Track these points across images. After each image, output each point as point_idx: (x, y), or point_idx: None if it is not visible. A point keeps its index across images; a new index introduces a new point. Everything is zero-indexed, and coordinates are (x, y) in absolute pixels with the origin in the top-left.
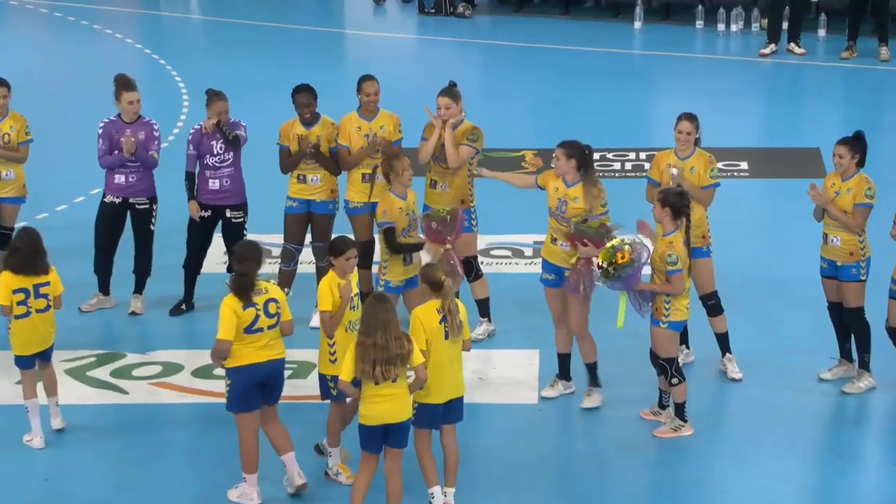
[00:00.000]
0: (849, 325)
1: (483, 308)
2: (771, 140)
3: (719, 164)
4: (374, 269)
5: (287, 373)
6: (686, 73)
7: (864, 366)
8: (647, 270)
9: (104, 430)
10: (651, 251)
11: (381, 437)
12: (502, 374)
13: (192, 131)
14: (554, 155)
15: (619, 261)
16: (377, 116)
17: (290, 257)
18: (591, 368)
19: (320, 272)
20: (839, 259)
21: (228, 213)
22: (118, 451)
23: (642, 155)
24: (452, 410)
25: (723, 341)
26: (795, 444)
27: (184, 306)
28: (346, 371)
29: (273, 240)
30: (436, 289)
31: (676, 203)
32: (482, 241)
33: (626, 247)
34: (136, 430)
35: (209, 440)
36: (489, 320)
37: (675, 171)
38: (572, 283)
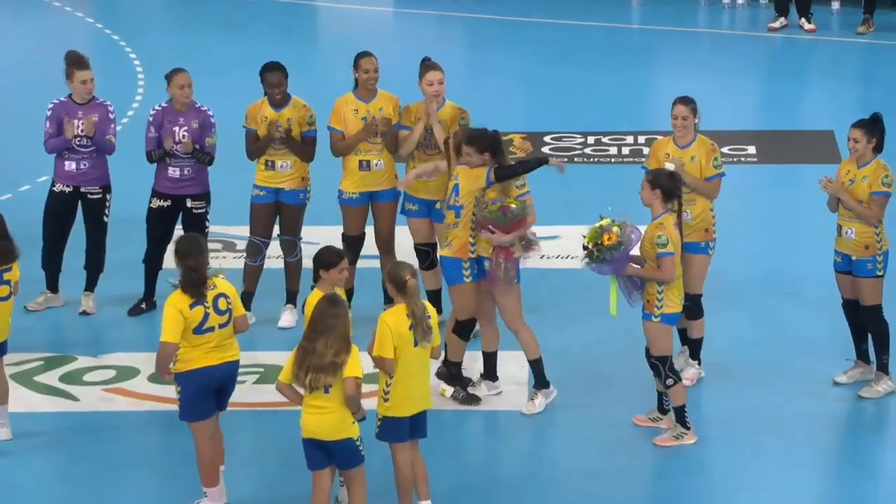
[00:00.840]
0: (865, 324)
1: (434, 299)
2: (781, 122)
3: (724, 149)
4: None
5: (252, 377)
6: (688, 49)
7: (883, 368)
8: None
9: (52, 441)
10: (641, 235)
11: (320, 452)
12: (512, 374)
13: (153, 111)
14: (464, 151)
15: (605, 242)
16: (376, 97)
17: (256, 252)
18: (534, 366)
19: (289, 268)
20: (854, 253)
21: (189, 203)
22: (67, 463)
23: (641, 139)
24: (419, 425)
25: (695, 348)
26: (808, 452)
27: (143, 305)
28: (283, 372)
29: (238, 232)
30: (399, 290)
31: (667, 185)
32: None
33: (615, 228)
34: (88, 440)
35: (167, 451)
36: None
37: (671, 165)
38: (492, 274)
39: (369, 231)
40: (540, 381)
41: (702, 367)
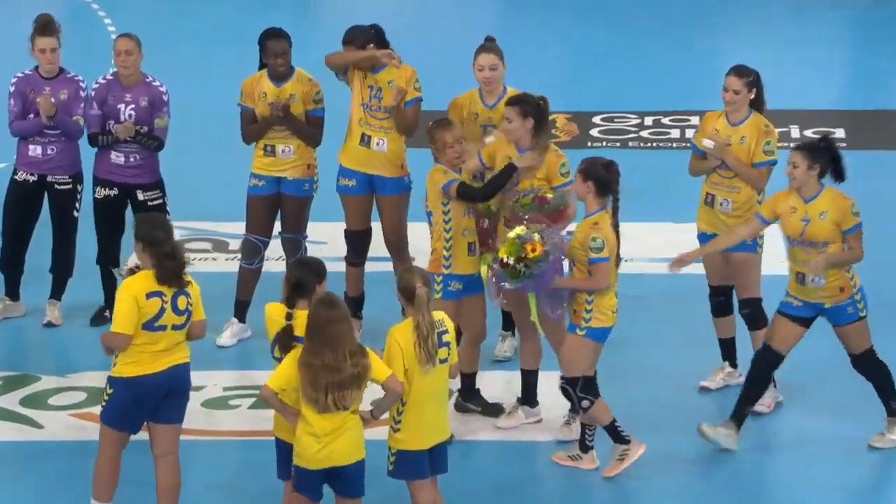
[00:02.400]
0: (861, 373)
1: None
2: (874, 100)
3: (808, 132)
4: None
5: (247, 401)
6: (763, 15)
7: (894, 413)
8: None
9: (12, 474)
10: (565, 239)
11: (326, 481)
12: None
13: (95, 84)
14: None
15: (530, 255)
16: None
17: (253, 252)
18: (527, 378)
19: None
20: (827, 300)
21: (141, 196)
22: (31, 499)
23: None
24: (436, 459)
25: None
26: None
27: (107, 312)
28: (276, 377)
29: (231, 229)
30: (408, 300)
31: (602, 176)
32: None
33: (536, 236)
34: (54, 473)
35: (145, 483)
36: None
37: (709, 143)
38: (492, 288)
39: (376, 226)
40: (526, 394)
41: (778, 390)
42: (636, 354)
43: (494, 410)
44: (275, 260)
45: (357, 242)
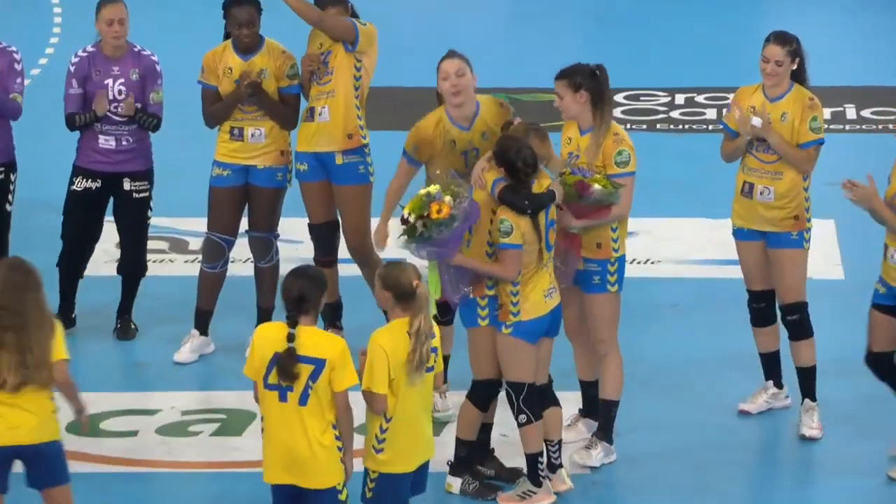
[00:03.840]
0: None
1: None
2: None
3: (866, 112)
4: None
5: (210, 427)
6: None
7: None
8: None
9: None
10: (479, 212)
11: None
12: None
13: (75, 59)
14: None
15: (434, 215)
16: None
17: (216, 253)
18: (606, 408)
19: (261, 276)
20: None
21: (127, 185)
22: None
23: None
24: (417, 479)
25: (805, 379)
26: None
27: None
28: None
29: (190, 226)
30: (403, 299)
31: (511, 163)
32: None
33: (447, 197)
34: None
35: None
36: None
37: (757, 120)
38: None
39: None
40: (606, 429)
41: (818, 405)
42: (667, 370)
43: (512, 476)
44: (241, 262)
45: (324, 238)
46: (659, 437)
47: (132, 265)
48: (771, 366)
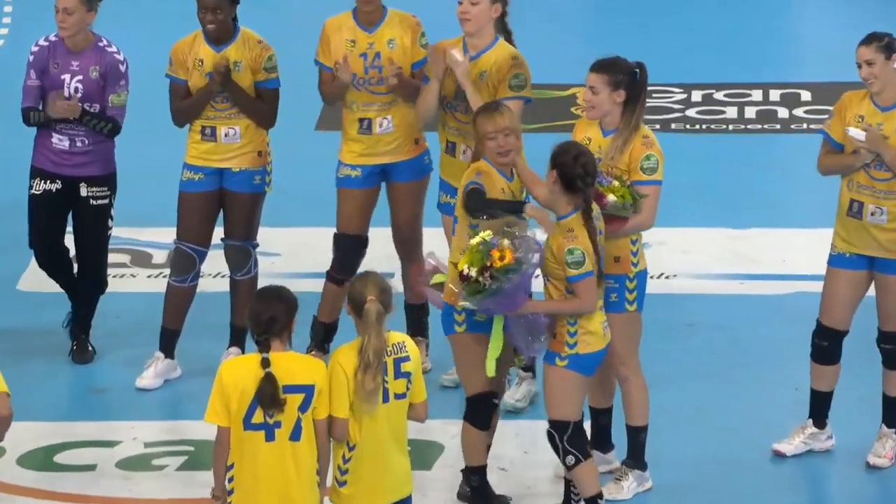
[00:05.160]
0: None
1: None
2: None
3: None
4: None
5: (176, 461)
6: None
7: None
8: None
9: None
10: (541, 249)
11: None
12: (537, 459)
13: (35, 48)
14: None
15: (497, 263)
16: (382, 23)
17: (186, 265)
18: (635, 435)
19: (237, 291)
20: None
21: (84, 191)
22: None
23: (774, 94)
24: None
25: (892, 408)
26: None
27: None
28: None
29: (155, 237)
30: (357, 313)
31: (569, 170)
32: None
33: (505, 241)
34: None
35: None
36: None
37: (858, 133)
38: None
39: (376, 235)
40: (637, 456)
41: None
42: (684, 402)
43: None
44: (212, 277)
45: (350, 251)
46: (676, 474)
47: (90, 281)
48: (821, 404)
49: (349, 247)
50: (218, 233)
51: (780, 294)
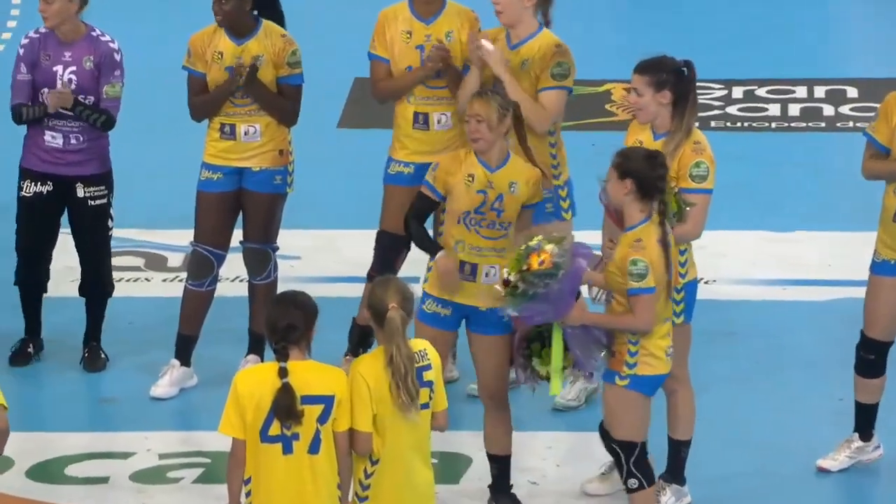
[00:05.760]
0: None
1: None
2: None
3: None
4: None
5: (192, 473)
6: None
7: None
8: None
9: None
10: (592, 258)
11: None
12: (570, 472)
13: (24, 40)
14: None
15: (534, 266)
16: (441, 14)
17: (203, 269)
18: (677, 448)
19: (256, 295)
20: None
21: (81, 191)
22: None
23: (819, 91)
24: None
25: None
26: None
27: (30, 348)
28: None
29: (171, 239)
30: (377, 321)
31: (644, 171)
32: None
33: (549, 245)
34: None
35: None
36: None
37: None
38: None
39: None
40: (676, 470)
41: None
42: (722, 414)
43: None
44: (230, 281)
45: (391, 251)
46: (714, 490)
47: (95, 284)
48: (866, 418)
49: (391, 246)
50: (237, 235)
51: (824, 300)
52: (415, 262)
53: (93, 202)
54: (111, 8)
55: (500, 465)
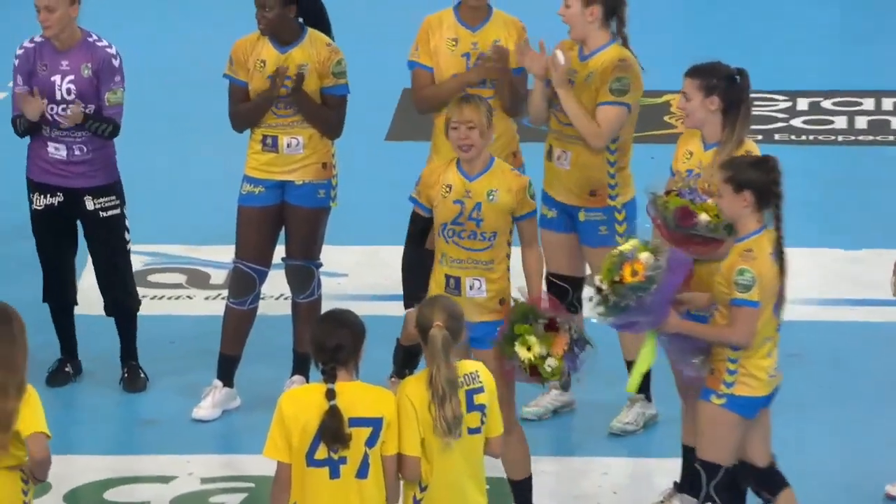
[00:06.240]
0: None
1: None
2: None
3: None
4: None
5: (236, 498)
6: None
7: None
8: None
9: None
10: (690, 266)
11: None
12: (627, 500)
13: (19, 50)
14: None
15: (627, 278)
16: (488, 22)
17: (245, 286)
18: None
19: (300, 314)
20: None
21: (91, 204)
22: None
23: (888, 103)
24: None
25: None
26: None
27: (68, 368)
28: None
29: (213, 256)
30: (423, 339)
31: (761, 181)
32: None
33: (644, 254)
34: None
35: None
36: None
37: None
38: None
39: None
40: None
41: None
42: (785, 441)
43: None
44: (274, 299)
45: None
46: None
47: (119, 299)
48: None
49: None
50: (280, 251)
51: (893, 321)
52: None
53: (104, 213)
54: (111, 8)
55: (516, 489)
